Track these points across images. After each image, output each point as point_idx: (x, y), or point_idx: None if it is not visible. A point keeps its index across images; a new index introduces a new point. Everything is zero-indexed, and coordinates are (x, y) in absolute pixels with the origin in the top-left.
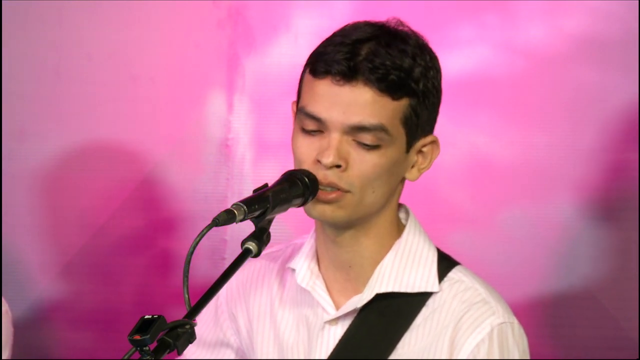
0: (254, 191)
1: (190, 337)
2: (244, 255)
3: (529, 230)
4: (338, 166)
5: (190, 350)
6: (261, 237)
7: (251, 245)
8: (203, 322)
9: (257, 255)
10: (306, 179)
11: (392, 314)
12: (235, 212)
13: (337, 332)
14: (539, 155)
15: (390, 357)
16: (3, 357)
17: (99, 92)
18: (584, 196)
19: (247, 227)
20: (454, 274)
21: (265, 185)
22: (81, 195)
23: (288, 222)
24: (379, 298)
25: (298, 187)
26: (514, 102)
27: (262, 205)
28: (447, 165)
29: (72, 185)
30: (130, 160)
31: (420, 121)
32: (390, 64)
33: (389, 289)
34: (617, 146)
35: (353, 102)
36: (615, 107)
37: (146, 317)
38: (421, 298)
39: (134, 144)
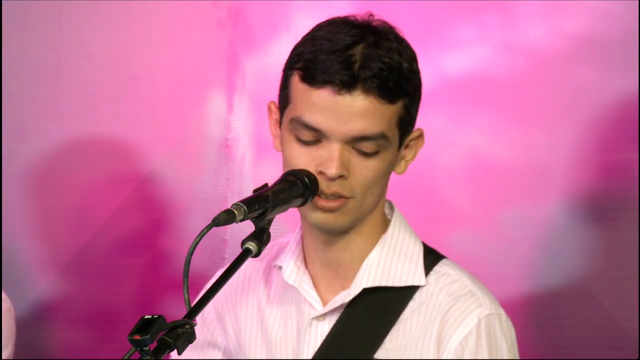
0: (254, 191)
1: (190, 337)
2: (244, 255)
3: (529, 230)
4: (341, 176)
5: None
6: (261, 237)
7: (251, 245)
8: None
9: (257, 255)
10: (306, 179)
11: (379, 308)
12: (235, 212)
13: (325, 328)
14: (539, 155)
15: (378, 351)
16: (6, 354)
17: (99, 92)
18: (583, 196)
19: (247, 227)
20: (440, 267)
21: (265, 185)
22: (81, 195)
23: (288, 222)
24: (366, 293)
25: (298, 187)
26: (514, 102)
27: (262, 205)
28: (447, 165)
29: (72, 185)
30: (130, 160)
31: (410, 117)
32: (385, 67)
33: (376, 284)
34: (617, 146)
35: (354, 112)
36: (615, 107)
37: (146, 317)
38: (408, 292)
39: (134, 144)
